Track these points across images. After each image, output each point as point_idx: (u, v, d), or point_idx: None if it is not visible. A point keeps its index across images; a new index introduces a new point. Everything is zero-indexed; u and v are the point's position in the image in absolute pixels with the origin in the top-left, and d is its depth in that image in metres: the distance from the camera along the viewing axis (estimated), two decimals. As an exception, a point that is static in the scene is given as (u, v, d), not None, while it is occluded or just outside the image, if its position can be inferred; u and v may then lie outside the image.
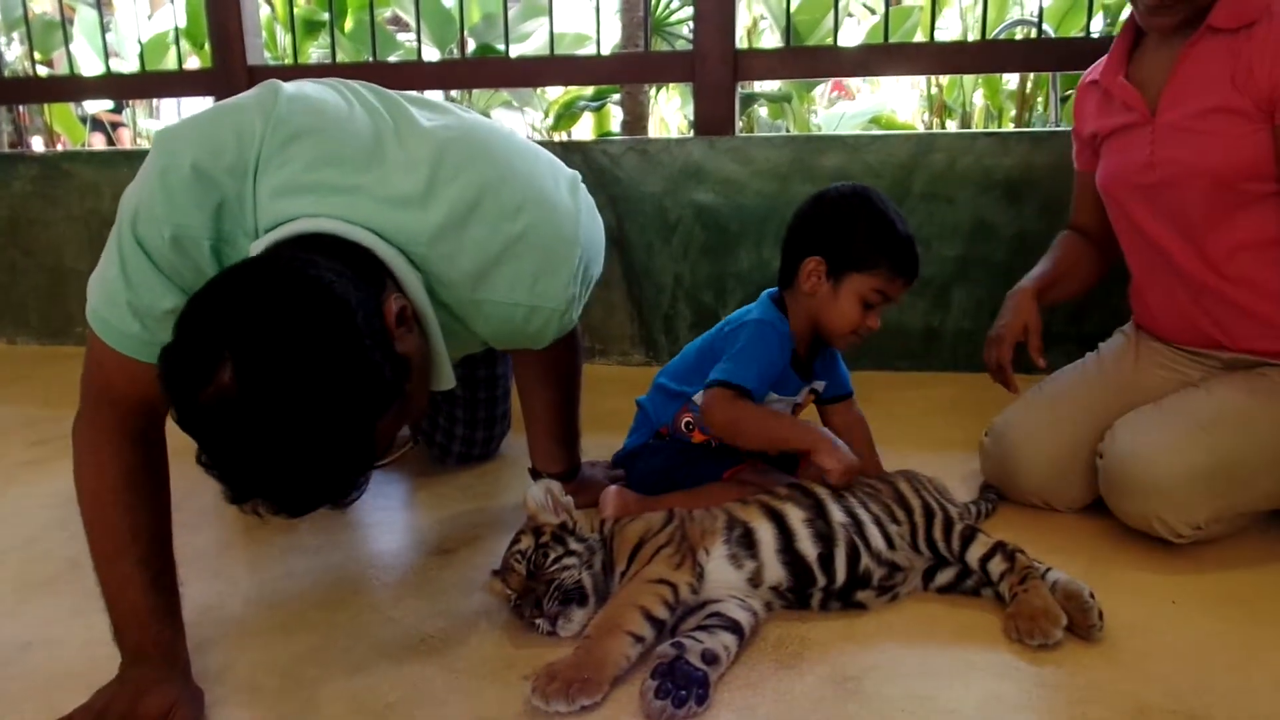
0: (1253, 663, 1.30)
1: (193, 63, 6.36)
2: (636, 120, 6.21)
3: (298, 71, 3.92)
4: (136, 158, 3.41)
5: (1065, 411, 1.82)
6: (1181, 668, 1.30)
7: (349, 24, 7.53)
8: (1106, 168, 1.81)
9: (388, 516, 1.89)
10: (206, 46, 3.49)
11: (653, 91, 7.25)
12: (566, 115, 7.59)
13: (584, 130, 7.92)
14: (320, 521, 1.85)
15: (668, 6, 6.86)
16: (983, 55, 3.14)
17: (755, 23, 8.28)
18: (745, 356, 1.71)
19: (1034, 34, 5.38)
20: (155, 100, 8.31)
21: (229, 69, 3.34)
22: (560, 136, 7.17)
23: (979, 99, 7.24)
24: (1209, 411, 1.62)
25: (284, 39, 7.30)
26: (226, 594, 1.56)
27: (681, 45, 6.43)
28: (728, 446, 1.78)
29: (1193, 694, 1.24)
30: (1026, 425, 1.84)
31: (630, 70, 3.84)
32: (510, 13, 4.12)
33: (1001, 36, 5.95)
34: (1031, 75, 6.66)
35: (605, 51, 3.45)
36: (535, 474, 1.88)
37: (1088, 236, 1.96)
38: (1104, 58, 1.82)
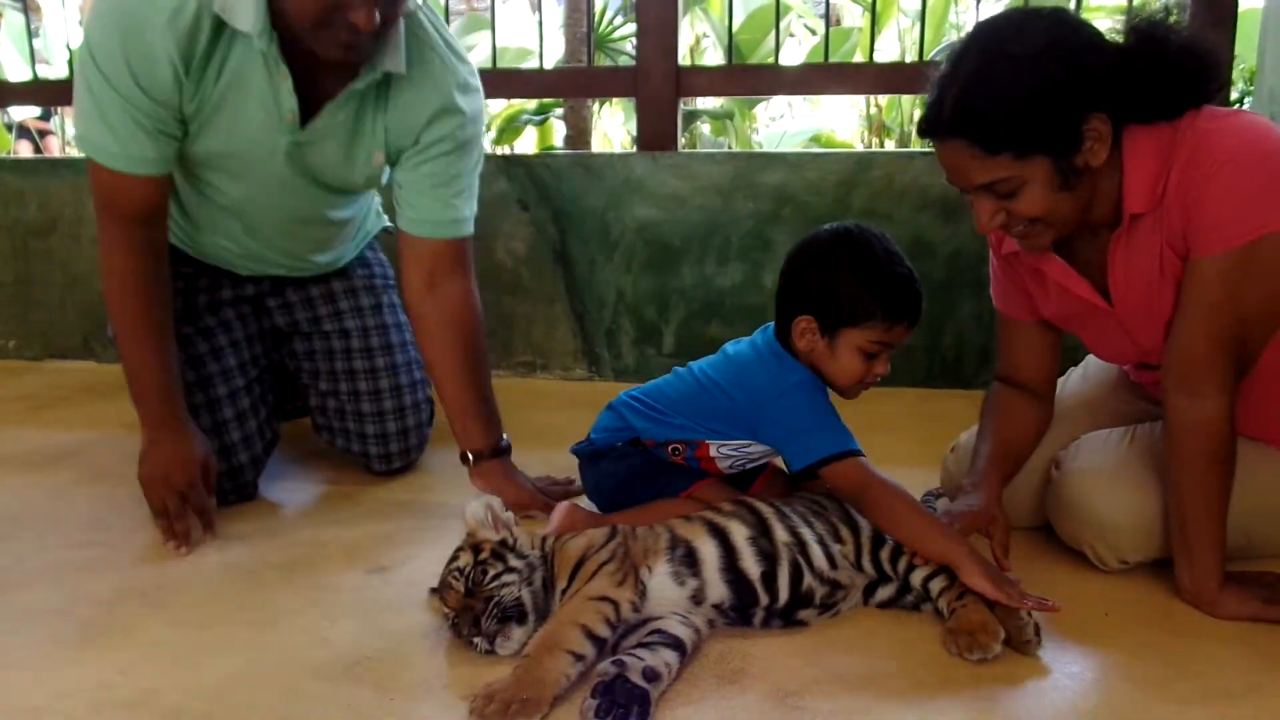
0: (1179, 673, 1.33)
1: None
2: (579, 135, 6.21)
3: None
4: (64, 166, 3.32)
5: None
6: (1115, 679, 1.33)
7: (288, 34, 7.39)
8: (1084, 340, 1.73)
9: (322, 534, 1.85)
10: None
11: (596, 106, 7.26)
12: (509, 129, 7.57)
13: (527, 144, 7.90)
14: (252, 539, 1.80)
15: (611, 23, 6.89)
16: (919, 75, 3.15)
17: (698, 40, 8.35)
18: (827, 417, 1.58)
19: (969, 56, 5.49)
20: (85, 108, 8.10)
21: (162, 76, 3.26)
22: (503, 150, 7.14)
23: (917, 119, 7.37)
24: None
25: (220, 48, 7.14)
26: (153, 615, 1.51)
27: (625, 61, 6.45)
28: (696, 465, 1.74)
29: (1125, 705, 1.26)
30: None
31: (573, 84, 3.84)
32: (452, 26, 4.10)
33: (938, 58, 6.07)
34: (967, 97, 6.77)
35: (548, 66, 3.45)
36: (465, 458, 1.94)
37: (1025, 390, 1.76)
38: None
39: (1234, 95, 4.19)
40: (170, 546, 1.74)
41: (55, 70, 6.81)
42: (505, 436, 2.00)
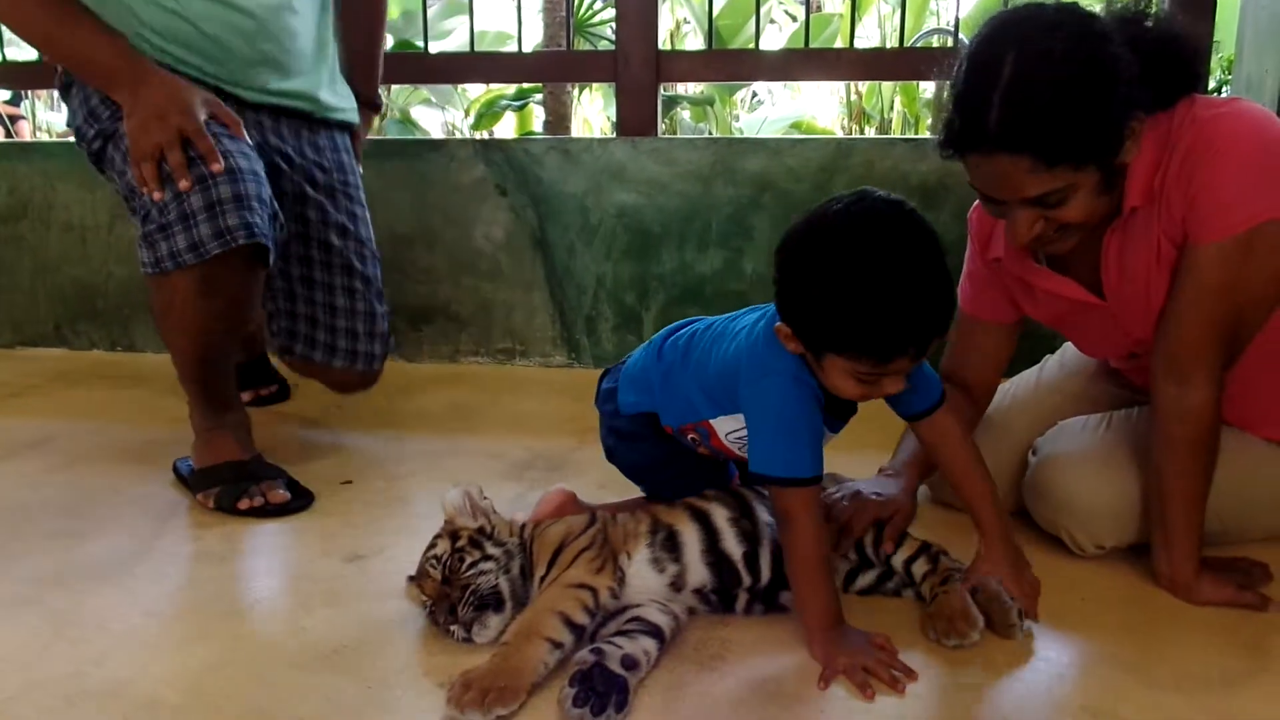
0: (1156, 659, 1.34)
1: (98, 52, 6.13)
2: (559, 120, 6.19)
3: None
4: (35, 150, 3.27)
5: (1013, 424, 1.80)
6: (1091, 664, 1.33)
7: (263, 16, 7.33)
8: (1072, 338, 1.74)
9: (298, 522, 1.83)
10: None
11: (575, 92, 7.23)
12: (488, 114, 7.53)
13: (506, 129, 7.86)
14: (227, 528, 1.79)
15: (590, 7, 6.85)
16: (900, 62, 3.20)
17: (678, 25, 8.33)
18: (793, 431, 1.35)
19: (950, 43, 5.51)
20: (56, 92, 7.99)
21: (135, 59, 3.21)
22: (481, 135, 7.10)
23: (898, 106, 7.38)
24: (1146, 448, 1.55)
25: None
26: (127, 605, 1.49)
27: (604, 46, 6.42)
28: (716, 454, 1.61)
29: (1102, 690, 1.26)
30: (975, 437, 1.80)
31: (552, 69, 3.82)
32: (430, 10, 4.07)
33: (919, 44, 6.08)
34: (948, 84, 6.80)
35: (527, 50, 3.42)
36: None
37: (964, 390, 1.73)
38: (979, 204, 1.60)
39: (1211, 84, 4.22)
40: (158, 196, 1.70)
41: (25, 52, 6.71)
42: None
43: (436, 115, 9.11)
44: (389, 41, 7.14)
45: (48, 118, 7.55)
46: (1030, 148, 1.31)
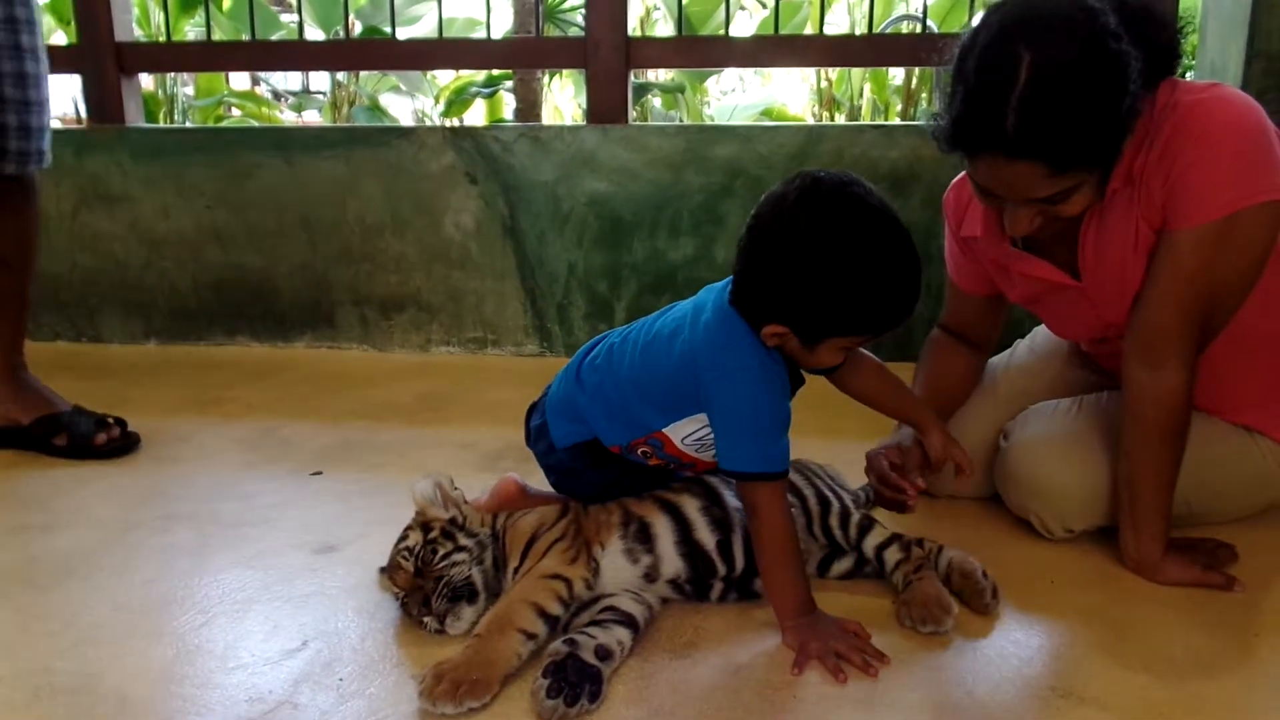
0: (1122, 640, 1.35)
1: (59, 39, 6.03)
2: (530, 108, 6.16)
3: (171, 49, 3.74)
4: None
5: (984, 408, 1.82)
6: (1061, 647, 1.35)
7: (227, 1, 7.25)
8: (1045, 318, 1.74)
9: (269, 514, 1.81)
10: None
11: (546, 79, 7.19)
12: (458, 101, 7.48)
13: (476, 117, 7.81)
14: (197, 520, 1.77)
15: (560, -7, 6.81)
16: (869, 48, 3.21)
17: (648, 12, 8.29)
18: (765, 425, 1.36)
19: (919, 29, 5.54)
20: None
21: (96, 45, 3.15)
22: (451, 122, 7.05)
23: (867, 93, 7.40)
24: (1116, 432, 1.57)
25: (159, 16, 6.98)
26: (95, 598, 1.48)
27: (574, 33, 6.39)
28: (674, 462, 1.57)
29: (1071, 671, 1.28)
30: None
31: (522, 55, 3.78)
32: (398, -5, 4.03)
33: (888, 31, 6.10)
34: (916, 71, 6.84)
35: (497, 37, 3.40)
36: None
37: (966, 340, 1.81)
38: (963, 176, 1.64)
39: (1176, 70, 4.25)
40: None
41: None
42: None
43: (406, 103, 9.04)
44: (356, 27, 7.07)
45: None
46: (1047, 156, 1.30)
